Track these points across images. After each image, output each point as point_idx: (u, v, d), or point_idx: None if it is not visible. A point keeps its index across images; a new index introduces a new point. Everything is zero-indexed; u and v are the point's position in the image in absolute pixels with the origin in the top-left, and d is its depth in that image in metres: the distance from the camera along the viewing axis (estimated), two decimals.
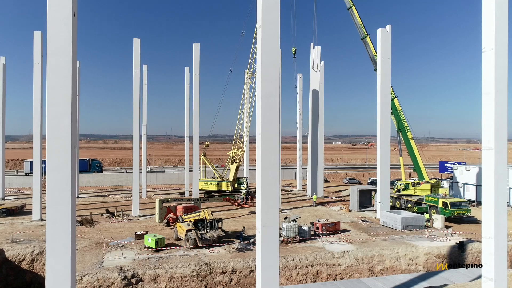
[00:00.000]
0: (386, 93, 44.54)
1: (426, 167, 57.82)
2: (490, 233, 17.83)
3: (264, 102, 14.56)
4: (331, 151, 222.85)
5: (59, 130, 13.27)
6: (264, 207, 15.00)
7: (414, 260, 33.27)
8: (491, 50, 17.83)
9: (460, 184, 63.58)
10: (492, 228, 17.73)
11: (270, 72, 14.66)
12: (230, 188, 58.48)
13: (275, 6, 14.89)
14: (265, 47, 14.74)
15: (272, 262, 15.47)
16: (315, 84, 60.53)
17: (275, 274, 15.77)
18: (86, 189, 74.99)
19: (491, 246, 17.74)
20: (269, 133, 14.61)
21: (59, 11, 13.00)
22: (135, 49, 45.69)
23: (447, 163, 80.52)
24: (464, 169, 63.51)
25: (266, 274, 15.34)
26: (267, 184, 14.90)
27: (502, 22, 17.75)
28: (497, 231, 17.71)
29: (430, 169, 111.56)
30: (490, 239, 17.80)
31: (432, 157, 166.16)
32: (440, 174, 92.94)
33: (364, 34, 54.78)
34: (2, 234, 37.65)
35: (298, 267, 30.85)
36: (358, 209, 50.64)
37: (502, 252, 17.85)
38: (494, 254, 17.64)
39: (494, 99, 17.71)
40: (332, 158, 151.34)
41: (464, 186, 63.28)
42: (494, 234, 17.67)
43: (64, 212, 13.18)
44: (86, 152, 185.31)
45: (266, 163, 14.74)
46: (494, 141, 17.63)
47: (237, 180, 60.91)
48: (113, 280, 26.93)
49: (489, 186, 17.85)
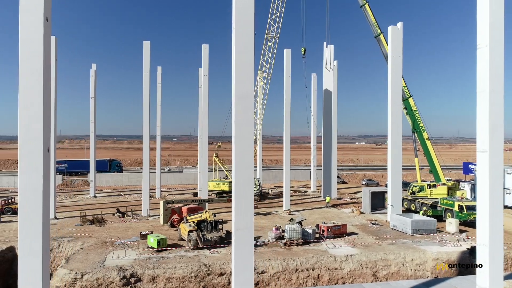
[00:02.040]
0: (397, 92, 43.24)
1: (450, 168, 55.77)
2: (484, 240, 16.86)
3: (238, 103, 14.34)
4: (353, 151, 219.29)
5: (31, 134, 13.48)
6: (238, 209, 14.78)
7: (421, 266, 32.07)
8: (486, 47, 16.86)
9: None
10: (486, 234, 16.76)
11: (244, 73, 14.42)
12: None
13: (249, 7, 14.63)
14: (239, 48, 14.50)
15: (246, 266, 15.21)
16: (329, 84, 59.57)
17: (250, 278, 15.50)
18: (104, 189, 76.95)
19: (485, 254, 16.77)
20: (243, 134, 14.36)
21: (30, 16, 13.24)
22: (145, 51, 46.40)
23: (471, 164, 77.46)
24: None
25: (240, 278, 15.10)
26: (241, 186, 14.67)
27: (497, 17, 16.73)
28: (492, 238, 16.72)
29: (454, 170, 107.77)
30: (485, 246, 16.83)
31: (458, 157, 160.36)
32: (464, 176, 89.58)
33: (378, 32, 53.39)
34: (15, 232, 39.04)
35: (299, 270, 30.35)
36: (370, 211, 49.44)
37: (498, 260, 16.84)
38: (489, 263, 16.66)
39: (488, 98, 16.72)
40: (353, 158, 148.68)
41: None
42: (488, 241, 16.69)
43: (35, 214, 13.40)
44: (110, 152, 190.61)
45: (240, 164, 14.51)
46: (489, 143, 16.65)
47: None
48: (112, 279, 27.35)
49: (483, 190, 16.89)
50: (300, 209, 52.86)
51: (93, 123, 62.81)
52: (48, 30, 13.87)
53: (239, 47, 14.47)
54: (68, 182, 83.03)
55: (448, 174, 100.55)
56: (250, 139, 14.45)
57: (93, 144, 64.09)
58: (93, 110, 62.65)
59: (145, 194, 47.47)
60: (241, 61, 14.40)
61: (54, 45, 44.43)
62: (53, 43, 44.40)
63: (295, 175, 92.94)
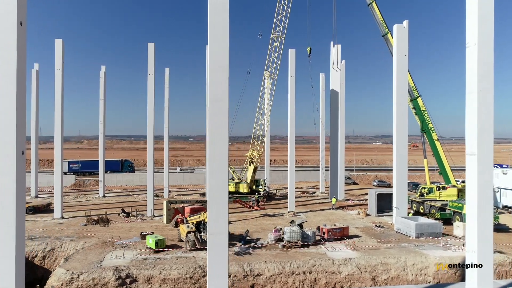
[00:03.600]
0: (403, 92, 42.21)
1: None
2: (473, 246, 16.17)
3: (212, 106, 14.15)
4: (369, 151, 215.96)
5: (5, 137, 13.63)
6: (212, 213, 14.58)
7: (423, 271, 31.21)
8: (474, 46, 16.15)
9: (496, 188, 58.97)
10: (475, 241, 16.06)
11: (219, 75, 14.22)
12: (248, 190, 58.28)
13: (224, 8, 14.42)
14: (213, 49, 14.31)
15: (220, 271, 15.00)
16: (336, 84, 58.76)
17: (224, 284, 15.27)
18: (115, 189, 78.08)
19: (474, 262, 16.07)
20: (217, 138, 14.17)
21: (3, 20, 13.40)
22: (149, 53, 46.74)
23: None
24: (501, 172, 58.81)
25: (214, 283, 14.90)
26: (215, 190, 14.47)
27: (486, 14, 16.00)
28: (481, 245, 16.00)
29: None
30: (473, 253, 16.13)
31: None
32: None
33: (385, 30, 52.36)
34: None
35: (295, 273, 29.96)
36: (376, 214, 48.50)
37: (487, 268, 16.12)
38: (477, 271, 15.96)
39: (477, 99, 16.01)
40: (367, 159, 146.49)
41: (501, 191, 58.63)
42: (477, 248, 16.00)
43: (9, 217, 13.55)
44: (127, 152, 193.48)
45: (213, 169, 14.31)
46: (477, 146, 15.94)
47: (255, 181, 60.60)
48: (108, 280, 27.60)
49: (471, 195, 16.18)
50: (306, 211, 52.32)
51: (102, 124, 63.79)
52: (23, 34, 13.99)
53: (213, 50, 14.27)
54: (81, 182, 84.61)
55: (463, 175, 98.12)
56: (224, 143, 14.24)
57: (103, 145, 65.09)
58: (103, 112, 63.63)
59: (150, 194, 47.85)
60: (215, 64, 14.21)
61: (61, 48, 45.23)
62: (60, 46, 45.27)
63: (306, 176, 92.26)
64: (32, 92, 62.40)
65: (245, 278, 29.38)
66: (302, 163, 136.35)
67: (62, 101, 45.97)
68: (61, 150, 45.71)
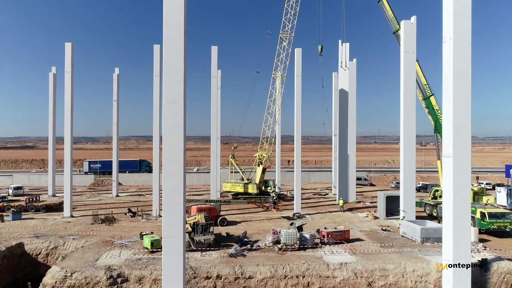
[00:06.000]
0: (411, 91, 40.64)
1: (493, 171, 51.25)
2: (448, 256, 15.11)
3: (168, 107, 13.89)
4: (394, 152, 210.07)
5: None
6: (167, 216, 14.32)
7: (423, 277, 29.74)
8: (450, 40, 15.09)
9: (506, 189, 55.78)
10: (450, 251, 14.99)
11: (174, 76, 13.95)
12: (256, 191, 57.86)
13: (180, 8, 14.12)
14: (168, 50, 14.05)
15: (176, 275, 14.71)
16: (345, 83, 57.38)
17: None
18: (130, 188, 79.64)
19: (449, 272, 15.00)
20: (173, 140, 13.89)
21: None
22: (155, 55, 47.25)
23: None
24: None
25: (169, 286, 14.62)
26: (170, 194, 14.20)
27: (463, 7, 14.90)
28: (457, 255, 14.93)
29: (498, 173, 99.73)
30: (449, 260, 15.07)
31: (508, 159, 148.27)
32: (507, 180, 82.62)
33: (396, 27, 50.48)
34: (31, 228, 41.33)
35: (288, 276, 29.31)
36: (385, 216, 46.93)
37: (464, 281, 15.00)
38: (452, 281, 14.89)
39: (452, 97, 14.94)
40: (388, 160, 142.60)
41: None
42: (452, 257, 14.93)
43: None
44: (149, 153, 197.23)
45: (169, 171, 14.05)
46: (452, 147, 14.86)
47: (264, 182, 60.12)
48: (99, 279, 27.96)
49: (447, 201, 15.13)
50: (313, 213, 51.35)
51: (116, 125, 65.12)
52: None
53: (169, 50, 14.03)
54: (100, 181, 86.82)
55: (488, 177, 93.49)
56: (180, 146, 13.94)
57: (116, 145, 66.45)
58: (116, 113, 64.95)
59: (155, 194, 48.38)
60: (170, 64, 13.96)
61: (71, 51, 46.46)
62: (69, 49, 46.51)
63: (321, 177, 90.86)
64: (50, 94, 64.53)
65: (236, 280, 29.02)
66: (321, 164, 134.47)
67: (72, 103, 47.16)
68: (70, 150, 46.90)
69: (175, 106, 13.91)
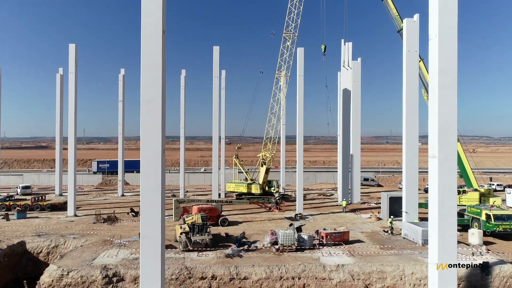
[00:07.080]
0: (413, 90, 39.93)
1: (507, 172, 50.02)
2: (434, 258, 14.70)
3: (145, 107, 13.83)
4: None
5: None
6: (145, 216, 14.25)
7: (422, 280, 29.14)
8: (435, 38, 14.68)
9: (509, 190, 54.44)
10: (435, 253, 14.59)
11: (151, 76, 13.88)
12: (260, 191, 57.66)
13: (157, 8, 14.04)
14: (146, 49, 13.99)
15: (153, 276, 14.63)
16: (348, 83, 56.75)
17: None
18: (137, 188, 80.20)
19: (434, 275, 14.59)
20: (150, 140, 13.83)
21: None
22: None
23: None
24: None
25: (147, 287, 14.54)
26: (148, 194, 14.12)
27: (449, 3, 14.48)
28: (442, 256, 14.52)
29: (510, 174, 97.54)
30: (433, 265, 14.66)
31: None
32: None
33: (401, 26, 49.85)
34: (34, 227, 41.90)
35: (283, 278, 29.05)
36: (388, 218, 46.14)
37: (450, 283, 14.58)
38: (438, 285, 14.48)
39: (437, 96, 14.53)
40: (398, 160, 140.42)
41: None
42: (437, 259, 14.53)
43: None
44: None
45: (146, 172, 13.98)
46: (438, 148, 14.46)
47: (267, 183, 59.88)
48: (95, 278, 28.14)
49: (433, 202, 14.72)
50: (316, 213, 50.91)
51: (121, 126, 65.66)
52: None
53: (146, 49, 13.97)
54: (107, 181, 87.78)
55: (501, 178, 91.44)
56: (158, 146, 13.86)
57: (121, 145, 67.06)
58: (121, 113, 65.50)
59: None
60: (147, 63, 13.90)
61: (74, 52, 46.98)
62: (73, 50, 47.02)
63: (327, 177, 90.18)
64: (57, 94, 65.43)
65: (231, 281, 28.89)
66: (329, 164, 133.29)
67: (76, 104, 47.66)
68: (74, 150, 47.43)
69: (152, 106, 13.85)
